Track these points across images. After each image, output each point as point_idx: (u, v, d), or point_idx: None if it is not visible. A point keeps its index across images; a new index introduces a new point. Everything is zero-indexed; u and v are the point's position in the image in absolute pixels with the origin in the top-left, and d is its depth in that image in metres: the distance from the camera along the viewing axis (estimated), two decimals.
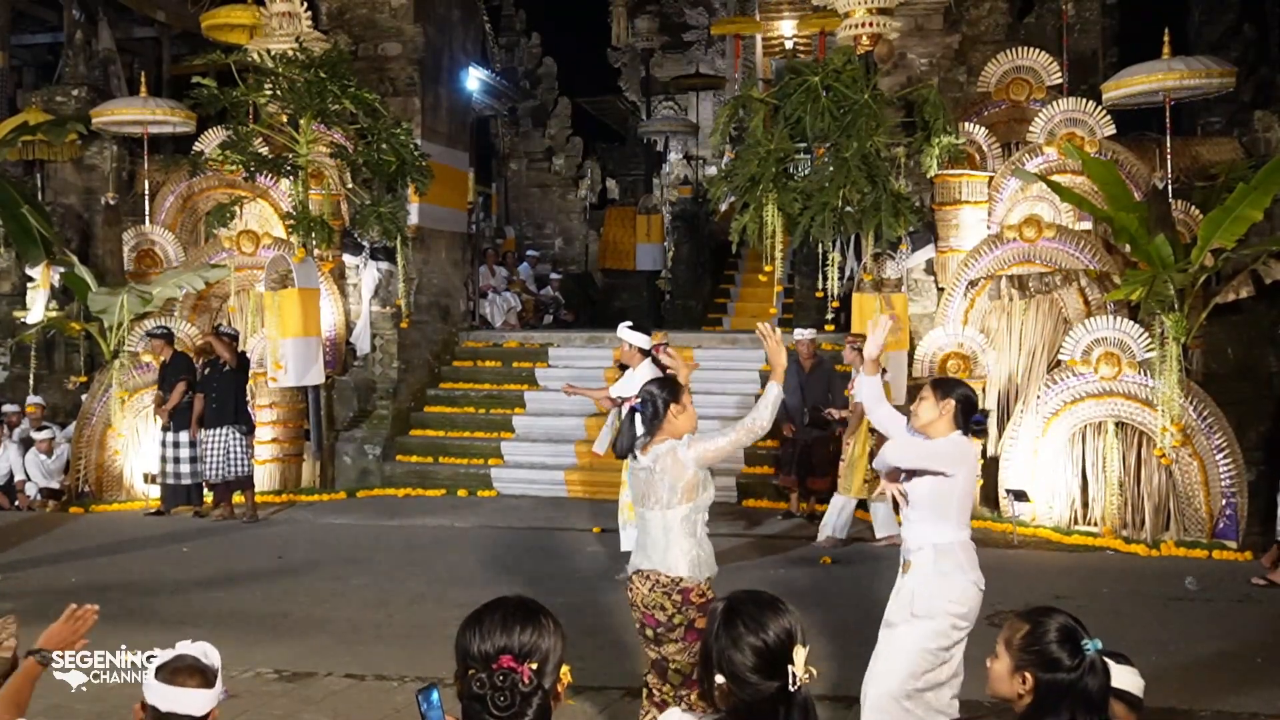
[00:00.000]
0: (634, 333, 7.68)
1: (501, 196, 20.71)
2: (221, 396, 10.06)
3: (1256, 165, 9.81)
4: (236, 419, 10.05)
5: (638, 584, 4.16)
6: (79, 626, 2.74)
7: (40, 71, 17.67)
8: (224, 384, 10.09)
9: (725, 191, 10.45)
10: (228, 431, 10.00)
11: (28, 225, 11.15)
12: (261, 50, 11.10)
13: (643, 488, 4.20)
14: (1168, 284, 8.77)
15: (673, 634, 4.06)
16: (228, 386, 10.11)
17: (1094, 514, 9.29)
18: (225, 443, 9.99)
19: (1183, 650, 6.00)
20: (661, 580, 4.08)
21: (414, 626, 6.82)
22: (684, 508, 4.09)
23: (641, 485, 4.21)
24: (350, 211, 11.78)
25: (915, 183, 10.31)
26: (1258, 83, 14.80)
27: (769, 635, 2.16)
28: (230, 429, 10.01)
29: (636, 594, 4.16)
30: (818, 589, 7.65)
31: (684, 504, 4.08)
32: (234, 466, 10.03)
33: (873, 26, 9.79)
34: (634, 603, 4.18)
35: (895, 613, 4.24)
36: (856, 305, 9.99)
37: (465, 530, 9.74)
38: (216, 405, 10.05)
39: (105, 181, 12.86)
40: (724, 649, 2.18)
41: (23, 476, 11.23)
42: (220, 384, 10.10)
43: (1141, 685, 3.00)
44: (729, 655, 2.17)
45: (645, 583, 4.13)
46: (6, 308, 12.59)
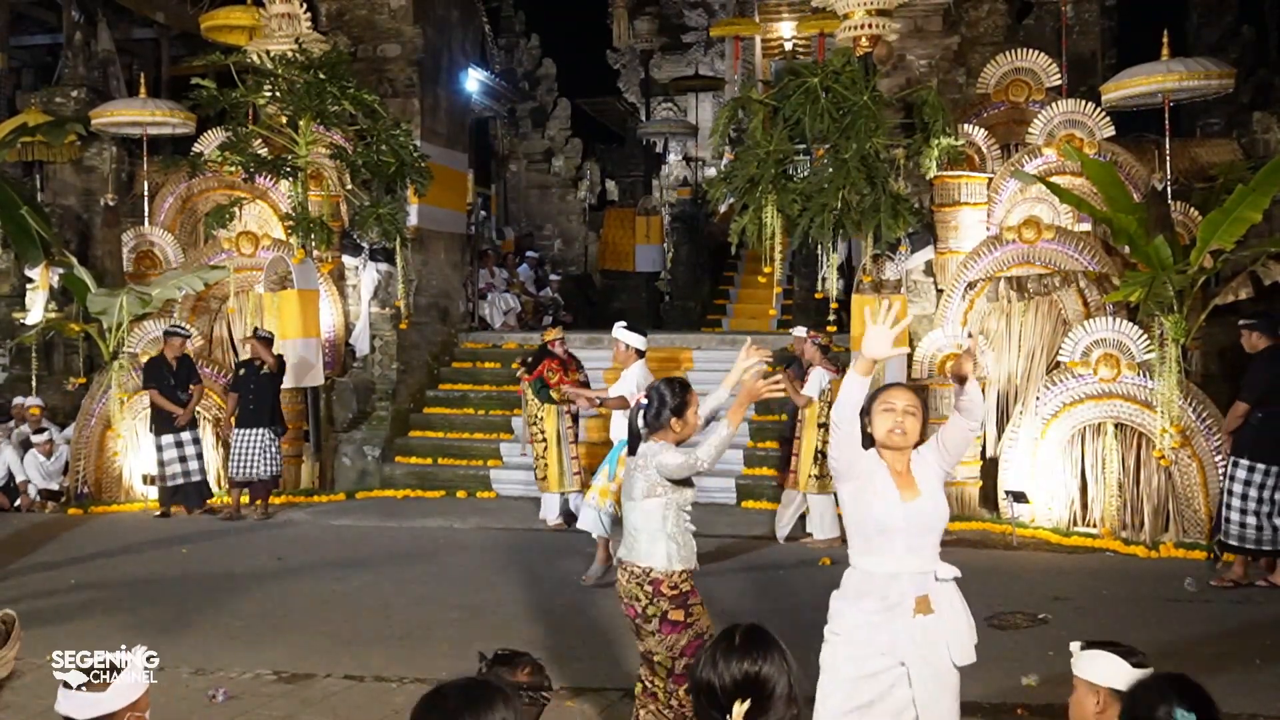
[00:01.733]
0: (630, 333, 7.74)
1: (501, 198, 20.71)
2: (259, 398, 10.19)
3: (1255, 167, 9.81)
4: (272, 420, 10.24)
5: (620, 575, 4.29)
6: None
7: (39, 73, 17.66)
8: (261, 386, 10.22)
9: (724, 193, 10.44)
10: (263, 432, 10.16)
11: (27, 226, 11.16)
12: (261, 51, 11.10)
13: (627, 480, 4.31)
14: (1167, 285, 8.77)
15: (649, 625, 4.15)
16: (265, 388, 10.23)
17: (1093, 515, 9.29)
18: (261, 443, 10.14)
19: (1182, 651, 6.00)
20: (635, 571, 4.19)
21: (414, 628, 6.82)
22: (656, 501, 4.16)
23: (626, 478, 4.33)
24: (349, 213, 11.78)
25: (914, 184, 10.31)
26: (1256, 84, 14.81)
27: (726, 675, 2.20)
28: (266, 430, 10.18)
29: (620, 585, 4.28)
30: (816, 589, 7.63)
31: (655, 498, 4.16)
32: (269, 466, 10.20)
33: (872, 28, 9.80)
34: (619, 595, 4.30)
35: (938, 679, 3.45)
36: (856, 306, 10.00)
37: (464, 531, 9.74)
38: (254, 406, 10.16)
39: (104, 183, 12.86)
40: (695, 666, 2.29)
41: (23, 478, 11.23)
42: (258, 385, 10.20)
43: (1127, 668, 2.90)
44: (694, 673, 2.28)
45: (624, 573, 4.25)
46: (6, 309, 12.60)
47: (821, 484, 8.69)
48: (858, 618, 3.51)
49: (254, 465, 10.16)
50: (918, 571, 3.47)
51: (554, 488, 9.61)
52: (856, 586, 3.56)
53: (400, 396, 12.16)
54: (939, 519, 3.54)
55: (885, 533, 3.47)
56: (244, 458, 10.16)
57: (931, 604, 3.46)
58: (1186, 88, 10.09)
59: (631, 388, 7.54)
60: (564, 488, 9.61)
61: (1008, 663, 5.84)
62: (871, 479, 3.49)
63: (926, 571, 3.49)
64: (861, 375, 3.39)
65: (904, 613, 3.44)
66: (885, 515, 3.46)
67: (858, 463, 3.50)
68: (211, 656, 6.17)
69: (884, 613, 3.46)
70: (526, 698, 2.89)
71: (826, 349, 9.14)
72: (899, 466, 3.52)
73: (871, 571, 3.52)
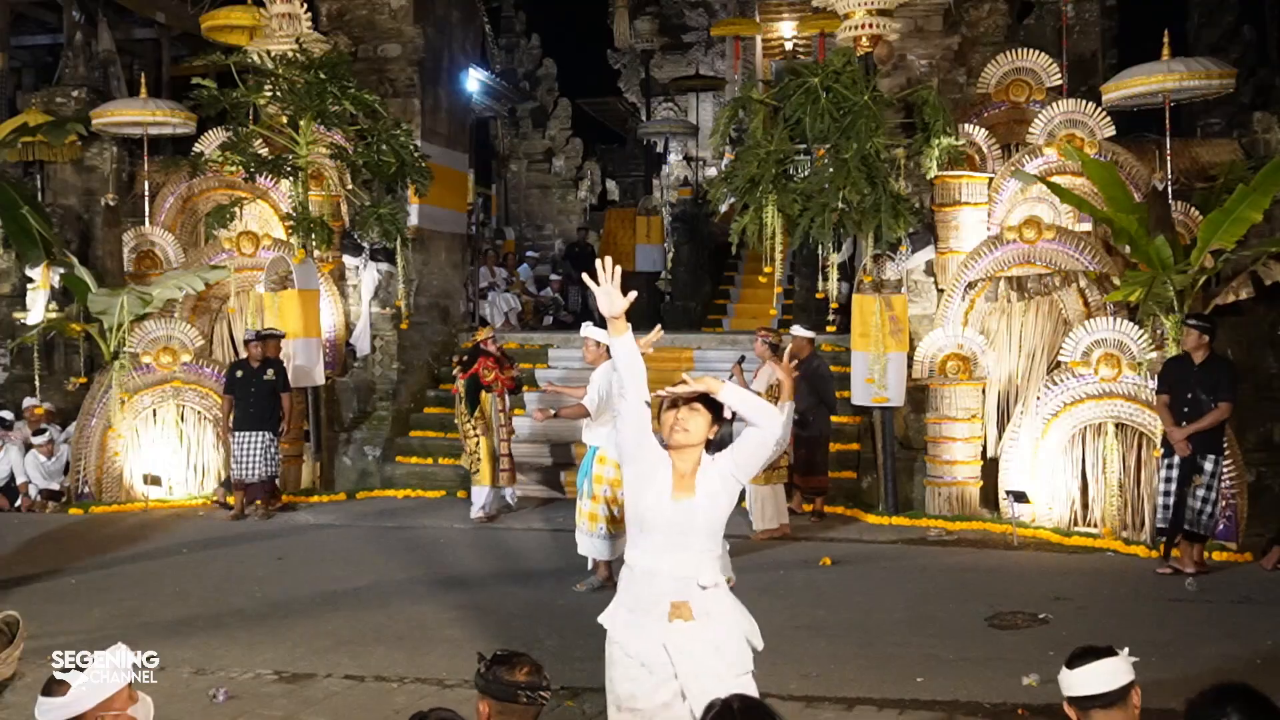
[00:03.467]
0: (601, 330, 7.45)
1: (501, 198, 20.72)
2: (259, 401, 10.22)
3: (1256, 167, 9.81)
4: (274, 423, 10.29)
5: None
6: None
7: (40, 73, 17.66)
8: (262, 389, 10.25)
9: (725, 193, 10.45)
10: (264, 435, 10.18)
11: (28, 226, 11.16)
12: (261, 51, 11.10)
13: None
14: (1167, 285, 8.77)
15: None
16: (266, 391, 10.27)
17: (1094, 515, 9.29)
18: (261, 445, 10.17)
19: (1182, 652, 6.00)
20: None
21: (414, 628, 6.81)
22: None
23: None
24: (350, 213, 11.78)
25: (915, 184, 10.31)
26: (1257, 84, 14.82)
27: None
28: (268, 432, 10.22)
29: None
30: (816, 589, 7.65)
31: None
32: (269, 468, 10.26)
33: (872, 28, 9.80)
34: None
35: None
36: (856, 306, 10.00)
37: (465, 531, 9.73)
38: (254, 410, 10.20)
39: (105, 183, 12.86)
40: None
41: (24, 478, 11.23)
42: (259, 389, 10.24)
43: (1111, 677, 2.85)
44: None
45: None
46: (7, 309, 12.60)
47: (765, 475, 8.68)
48: (618, 615, 3.42)
49: (254, 468, 10.16)
50: (679, 575, 3.32)
51: (485, 481, 9.88)
52: (622, 582, 3.49)
53: (401, 396, 12.16)
54: (708, 522, 3.36)
55: (646, 527, 3.37)
56: (245, 460, 10.16)
57: (691, 611, 3.29)
58: (1187, 88, 10.08)
59: (594, 396, 7.45)
60: (495, 482, 9.90)
61: (1008, 663, 5.85)
62: (654, 470, 3.36)
63: (687, 577, 3.31)
64: (618, 337, 3.32)
65: (658, 617, 3.30)
66: (651, 509, 3.34)
67: (647, 450, 3.38)
68: (211, 656, 6.17)
69: (638, 613, 3.35)
70: (525, 698, 2.89)
71: (776, 347, 9.19)
72: (684, 467, 3.36)
73: (632, 566, 3.43)
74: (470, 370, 9.83)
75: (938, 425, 9.84)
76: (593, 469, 7.44)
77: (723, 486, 3.35)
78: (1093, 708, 2.82)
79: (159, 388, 11.24)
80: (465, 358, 10.12)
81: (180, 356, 11.18)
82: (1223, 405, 7.79)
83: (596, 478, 7.40)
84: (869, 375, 9.65)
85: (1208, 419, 7.78)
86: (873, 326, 9.65)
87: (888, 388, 9.63)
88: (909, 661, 5.99)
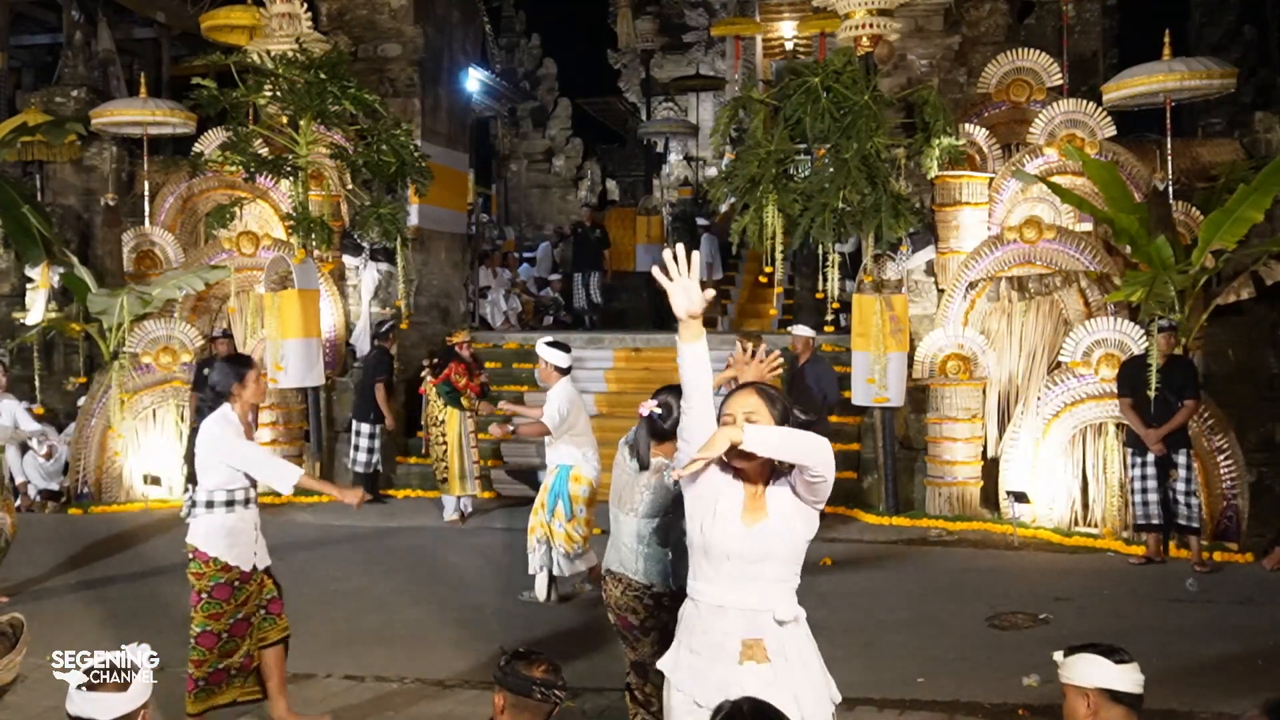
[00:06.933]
0: (552, 349, 7.29)
1: (501, 197, 20.72)
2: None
3: (1257, 166, 9.81)
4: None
5: (610, 585, 4.18)
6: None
7: (40, 72, 17.67)
8: None
9: (725, 193, 10.44)
10: None
11: (28, 226, 11.15)
12: (261, 51, 11.09)
13: (622, 490, 4.15)
14: (1168, 285, 8.76)
15: (648, 636, 4.08)
16: None
17: (1094, 515, 9.29)
18: None
19: (1184, 652, 5.99)
20: (633, 585, 4.09)
21: (414, 628, 6.81)
22: (659, 519, 4.03)
23: (621, 487, 4.16)
24: (350, 213, 11.78)
25: (915, 184, 10.31)
26: (1258, 84, 14.82)
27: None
28: None
29: (610, 595, 4.18)
30: (816, 589, 7.63)
31: (663, 516, 4.01)
32: None
33: (873, 28, 9.78)
34: (608, 604, 4.20)
35: None
36: (857, 306, 9.99)
37: (465, 532, 9.73)
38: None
39: (105, 182, 12.86)
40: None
41: (23, 478, 11.22)
42: None
43: (1140, 680, 2.98)
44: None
45: (617, 585, 4.14)
46: (6, 309, 12.59)
47: None
48: (680, 659, 3.05)
49: None
50: (748, 608, 2.94)
51: (454, 490, 9.84)
52: (683, 618, 3.09)
53: (401, 396, 12.14)
54: (783, 546, 2.96)
55: (713, 555, 2.97)
56: None
57: (766, 651, 2.92)
58: (1188, 87, 10.08)
59: (554, 414, 7.05)
60: (464, 490, 9.85)
61: (1009, 663, 5.84)
62: (718, 493, 2.97)
63: (760, 610, 2.94)
64: (690, 343, 2.87)
65: (728, 657, 2.92)
66: (719, 534, 2.94)
67: (710, 472, 2.97)
68: None
69: (705, 655, 2.96)
70: (540, 694, 2.93)
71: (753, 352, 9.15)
72: (753, 486, 2.98)
73: (697, 599, 3.03)
74: (442, 375, 9.67)
75: (938, 425, 9.84)
76: (568, 488, 7.11)
77: (795, 508, 2.98)
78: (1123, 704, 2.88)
79: (159, 388, 11.24)
80: (436, 361, 10.01)
81: (180, 356, 11.18)
82: (1189, 403, 8.13)
83: (574, 497, 7.08)
84: (869, 375, 9.65)
85: (1179, 418, 8.13)
86: (873, 326, 9.65)
87: (888, 388, 9.62)
88: (909, 661, 5.98)
